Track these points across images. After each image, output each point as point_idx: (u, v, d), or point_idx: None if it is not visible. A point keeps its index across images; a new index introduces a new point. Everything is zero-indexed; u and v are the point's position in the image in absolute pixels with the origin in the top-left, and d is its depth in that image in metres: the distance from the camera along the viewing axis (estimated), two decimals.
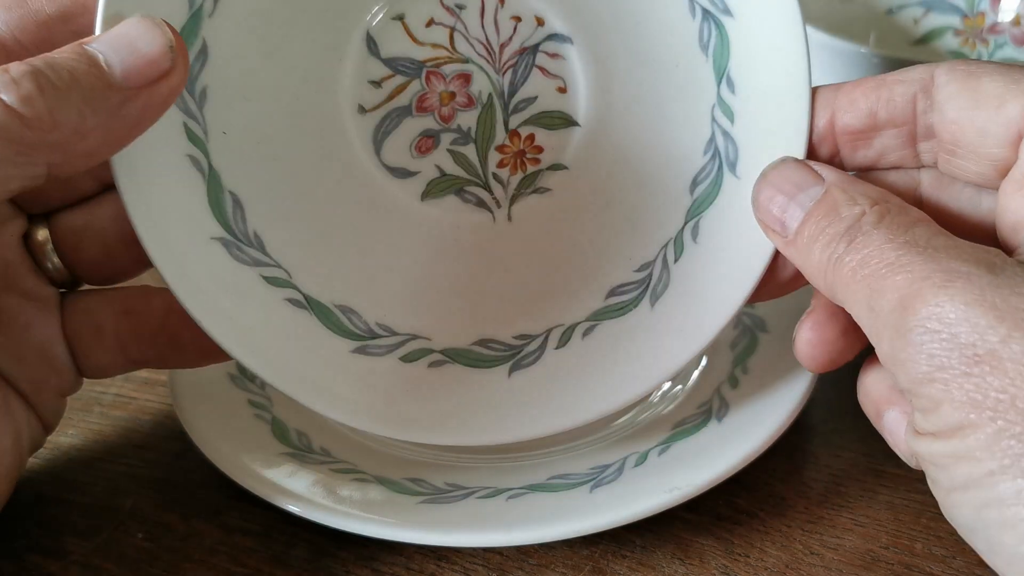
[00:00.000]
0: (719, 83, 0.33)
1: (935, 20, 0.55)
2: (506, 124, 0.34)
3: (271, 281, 0.32)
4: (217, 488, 0.35)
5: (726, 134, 0.33)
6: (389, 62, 0.33)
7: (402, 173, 0.34)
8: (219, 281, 0.31)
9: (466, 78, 0.34)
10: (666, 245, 0.34)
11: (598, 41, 0.34)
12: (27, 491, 0.33)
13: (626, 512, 0.32)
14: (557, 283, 0.35)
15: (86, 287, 0.35)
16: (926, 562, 0.32)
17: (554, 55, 0.34)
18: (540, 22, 0.34)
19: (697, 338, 0.33)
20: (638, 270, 0.34)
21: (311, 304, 0.33)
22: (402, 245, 0.34)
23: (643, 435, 0.36)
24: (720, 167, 0.33)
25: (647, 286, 0.34)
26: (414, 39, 0.33)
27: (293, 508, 0.32)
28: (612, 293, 0.34)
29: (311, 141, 0.33)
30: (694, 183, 0.34)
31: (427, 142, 0.34)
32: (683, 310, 0.33)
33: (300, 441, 0.36)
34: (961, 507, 0.25)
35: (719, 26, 0.32)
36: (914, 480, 0.35)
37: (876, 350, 0.27)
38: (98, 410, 0.40)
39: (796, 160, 0.31)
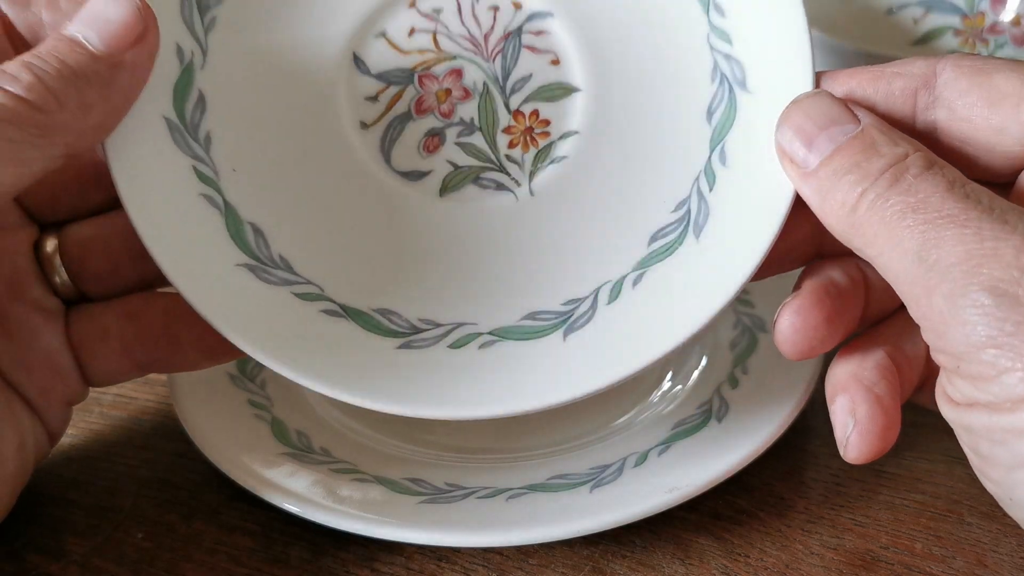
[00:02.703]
0: (707, 11, 0.33)
1: (935, 20, 0.55)
2: (507, 106, 0.34)
3: (304, 297, 0.32)
4: (217, 488, 0.35)
5: (728, 57, 0.33)
6: (380, 76, 0.33)
7: (416, 176, 0.34)
8: (251, 305, 0.31)
9: (458, 72, 0.34)
10: (697, 178, 0.33)
11: (578, 7, 0.34)
12: (27, 491, 0.33)
13: (626, 512, 0.32)
14: (596, 243, 0.34)
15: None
16: (926, 562, 0.32)
17: (539, 32, 0.34)
18: (517, 6, 0.34)
19: (748, 258, 0.31)
20: (675, 210, 0.34)
21: (348, 312, 0.32)
22: (431, 242, 0.34)
23: (643, 435, 0.36)
24: (730, 89, 0.33)
25: (687, 222, 0.33)
26: (399, 50, 0.33)
27: (293, 508, 0.32)
28: (654, 238, 0.34)
29: (321, 164, 0.33)
30: (709, 112, 0.33)
31: (434, 141, 0.34)
32: (729, 235, 0.32)
33: (300, 441, 0.36)
34: None
35: None
36: (914, 480, 0.35)
37: (915, 305, 0.26)
38: (98, 410, 0.40)
39: (832, 96, 0.29)
